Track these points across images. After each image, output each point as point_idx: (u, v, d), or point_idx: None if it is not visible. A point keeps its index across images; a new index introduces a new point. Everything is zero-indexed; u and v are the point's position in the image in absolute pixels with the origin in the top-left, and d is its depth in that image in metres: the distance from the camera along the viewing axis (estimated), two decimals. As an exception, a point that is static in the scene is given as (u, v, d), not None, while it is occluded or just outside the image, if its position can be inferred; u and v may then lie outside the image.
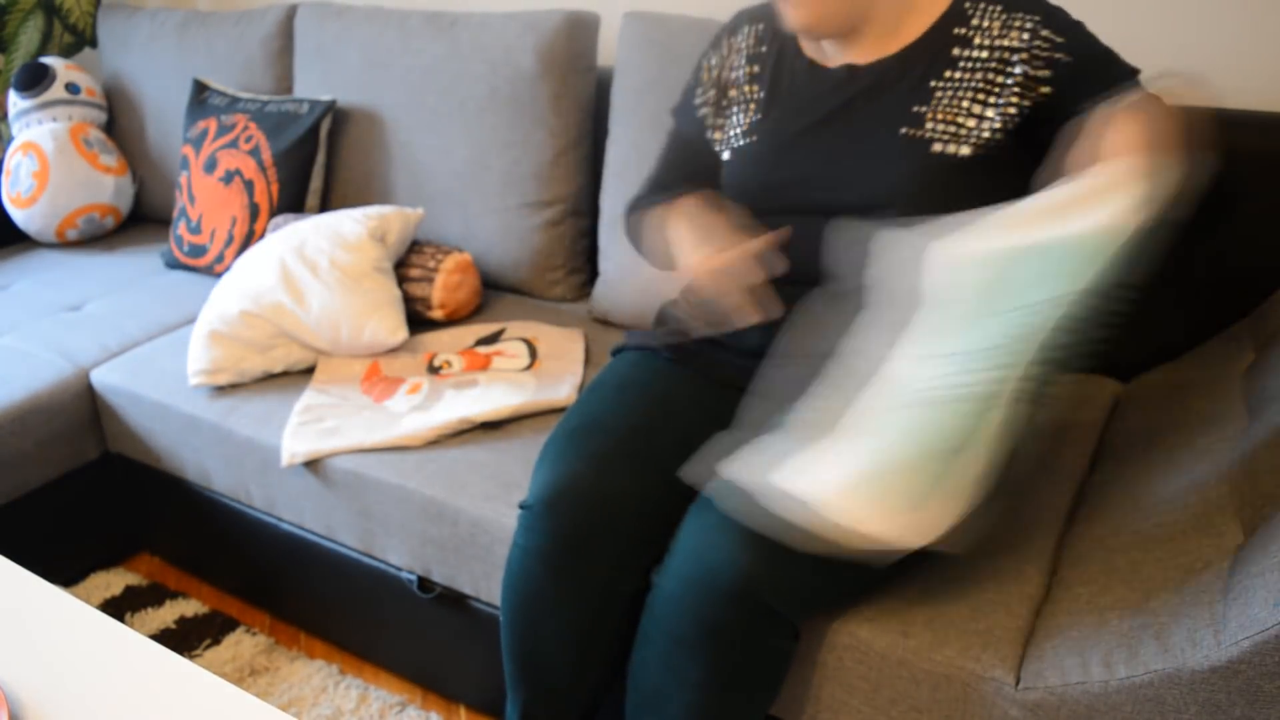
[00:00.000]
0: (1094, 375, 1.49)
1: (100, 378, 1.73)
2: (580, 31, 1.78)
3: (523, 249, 1.85)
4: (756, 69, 1.27)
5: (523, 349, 1.65)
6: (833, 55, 1.21)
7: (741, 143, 1.27)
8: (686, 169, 1.35)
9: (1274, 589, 0.85)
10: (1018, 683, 0.99)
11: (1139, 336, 1.46)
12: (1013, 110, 1.12)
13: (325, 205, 2.08)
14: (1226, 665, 0.85)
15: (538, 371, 1.59)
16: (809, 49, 1.24)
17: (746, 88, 1.28)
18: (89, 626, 0.99)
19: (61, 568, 1.79)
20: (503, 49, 1.81)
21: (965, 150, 1.14)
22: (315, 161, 2.01)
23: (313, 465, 1.47)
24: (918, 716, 1.05)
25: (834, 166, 1.18)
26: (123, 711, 0.88)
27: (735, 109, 1.28)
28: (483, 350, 1.65)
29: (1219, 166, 1.02)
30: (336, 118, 2.03)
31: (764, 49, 1.27)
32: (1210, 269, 1.40)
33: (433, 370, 1.60)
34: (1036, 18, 1.13)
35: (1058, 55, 1.12)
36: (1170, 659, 0.89)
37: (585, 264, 1.90)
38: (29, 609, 1.02)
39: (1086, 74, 1.12)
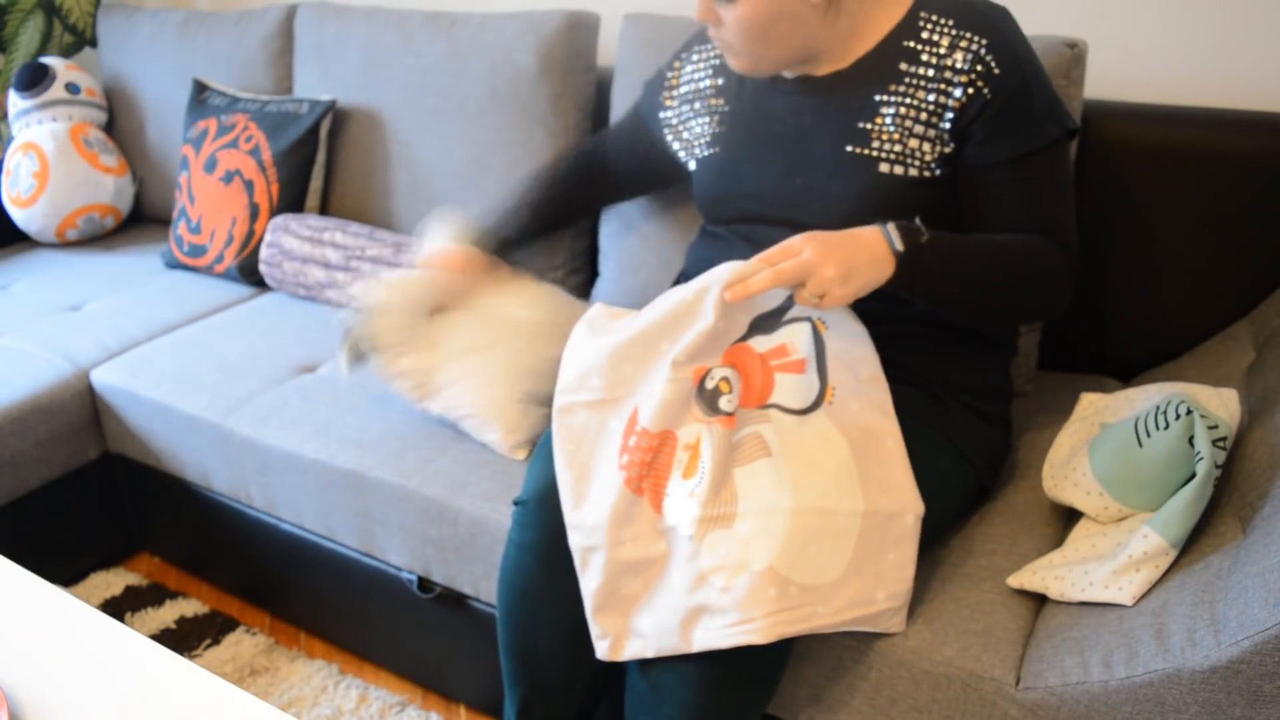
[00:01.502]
0: (1095, 375, 1.49)
1: (100, 378, 1.73)
2: (580, 32, 1.78)
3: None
4: (720, 81, 1.28)
5: (806, 338, 1.09)
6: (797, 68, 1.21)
7: (705, 153, 1.28)
8: (623, 137, 1.46)
9: (1274, 589, 0.85)
10: (1018, 683, 0.99)
11: (1139, 336, 1.46)
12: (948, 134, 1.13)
13: (325, 205, 2.08)
14: (1226, 665, 0.85)
15: (832, 407, 1.08)
16: None
17: (711, 100, 1.29)
18: (89, 626, 0.99)
19: (61, 568, 1.79)
20: (503, 49, 1.81)
21: (912, 172, 1.13)
22: (315, 161, 2.01)
23: (313, 466, 1.47)
24: (918, 716, 1.05)
25: (788, 181, 1.19)
26: (123, 711, 0.88)
27: (701, 119, 1.30)
28: (760, 345, 1.10)
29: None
30: (336, 118, 2.03)
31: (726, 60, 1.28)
32: (1210, 269, 1.40)
33: (709, 403, 1.06)
34: (985, 41, 1.10)
35: (983, 88, 1.10)
36: (1170, 659, 0.89)
37: (585, 264, 1.90)
38: (29, 609, 1.02)
39: (999, 120, 1.10)
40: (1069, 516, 1.19)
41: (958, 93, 1.10)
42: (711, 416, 1.04)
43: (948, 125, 1.12)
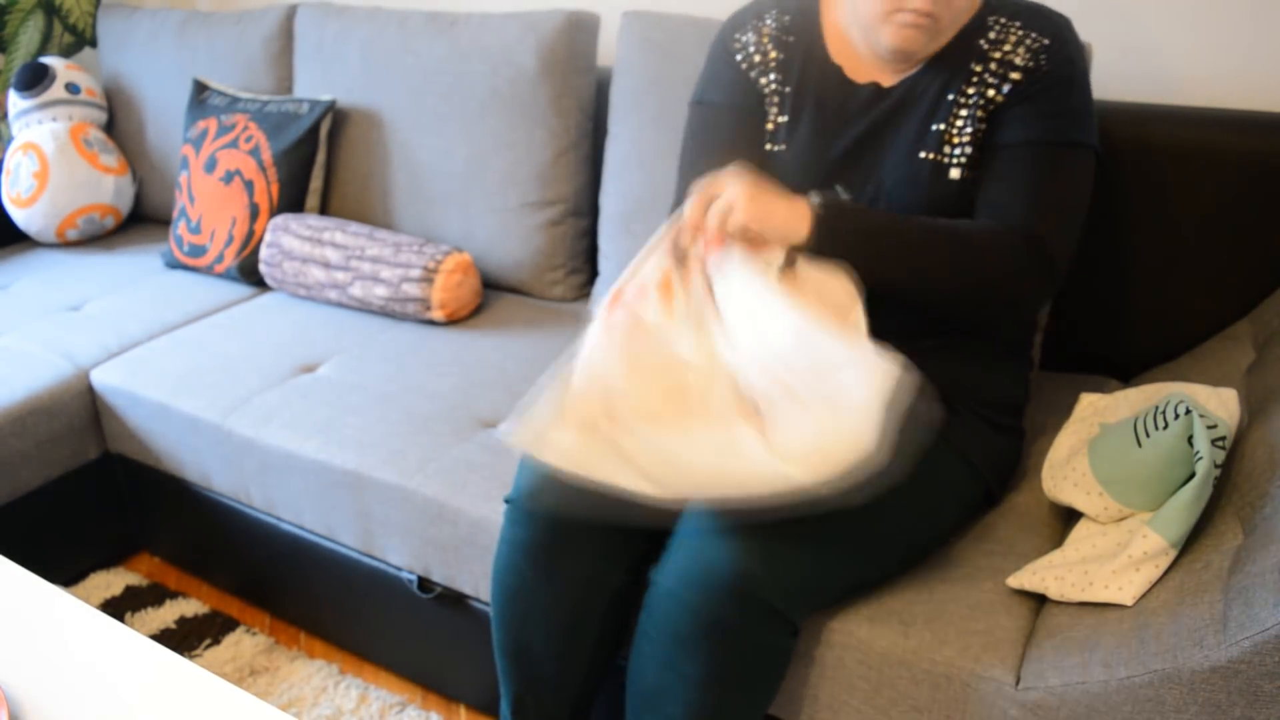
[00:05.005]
0: (1095, 375, 1.49)
1: (100, 378, 1.73)
2: (580, 31, 1.78)
3: (523, 249, 1.85)
4: (782, 57, 1.23)
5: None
6: (863, 68, 1.19)
7: (773, 148, 1.23)
8: (730, 141, 1.26)
9: (1274, 589, 0.85)
10: (1018, 683, 0.99)
11: (1139, 336, 1.47)
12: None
13: (325, 205, 2.08)
14: (1226, 665, 0.85)
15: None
16: (837, 54, 1.21)
17: (774, 75, 1.23)
18: (89, 626, 0.99)
19: (61, 568, 1.79)
20: (503, 49, 1.81)
21: (974, 175, 1.14)
22: (315, 161, 2.01)
23: (313, 466, 1.47)
24: (918, 716, 1.05)
25: (859, 191, 1.18)
26: (123, 711, 0.88)
27: (767, 95, 1.24)
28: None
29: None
30: (336, 118, 2.03)
31: (791, 39, 1.23)
32: (1210, 269, 1.40)
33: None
34: (1046, 42, 1.12)
35: (1029, 81, 1.11)
36: (1170, 659, 0.89)
37: (585, 264, 1.90)
38: (29, 609, 1.02)
39: (1026, 106, 1.11)
40: (1069, 516, 1.19)
41: (1008, 88, 1.12)
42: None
43: (989, 112, 1.13)
